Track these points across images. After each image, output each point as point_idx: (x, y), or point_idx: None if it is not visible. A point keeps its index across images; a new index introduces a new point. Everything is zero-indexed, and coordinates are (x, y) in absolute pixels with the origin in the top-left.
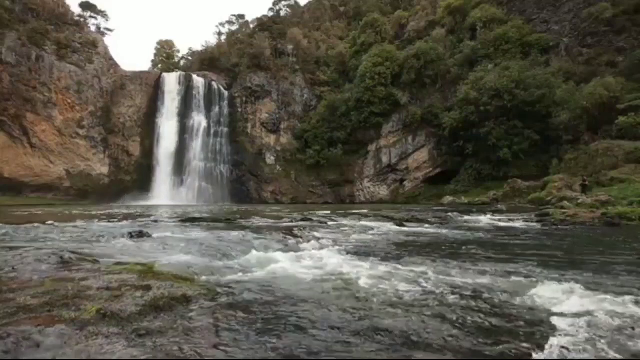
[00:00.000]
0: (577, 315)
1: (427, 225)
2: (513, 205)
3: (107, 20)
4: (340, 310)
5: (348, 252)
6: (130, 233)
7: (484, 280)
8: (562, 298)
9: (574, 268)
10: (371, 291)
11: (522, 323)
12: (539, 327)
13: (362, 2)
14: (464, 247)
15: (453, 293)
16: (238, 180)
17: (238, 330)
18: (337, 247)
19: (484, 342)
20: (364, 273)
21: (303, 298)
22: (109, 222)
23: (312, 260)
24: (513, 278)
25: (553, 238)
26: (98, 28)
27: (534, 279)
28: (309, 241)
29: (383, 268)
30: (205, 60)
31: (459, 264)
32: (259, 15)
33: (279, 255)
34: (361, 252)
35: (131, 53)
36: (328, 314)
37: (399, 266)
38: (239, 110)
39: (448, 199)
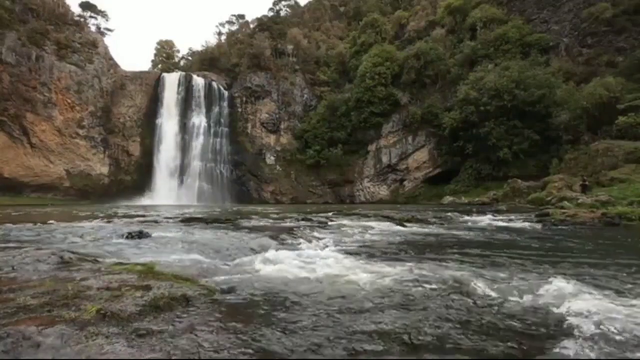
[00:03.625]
0: (582, 315)
1: (427, 225)
2: (513, 205)
3: (107, 20)
4: (340, 310)
5: (348, 252)
6: (130, 233)
7: (486, 279)
8: (566, 298)
9: (576, 267)
10: (371, 291)
11: (526, 323)
12: (543, 327)
13: (362, 2)
14: (464, 247)
15: (455, 292)
16: (238, 180)
17: (238, 330)
18: (337, 247)
19: (487, 342)
20: (364, 273)
21: (303, 298)
22: (109, 222)
23: (312, 260)
24: (515, 277)
25: (553, 238)
26: (98, 28)
27: (537, 279)
28: (309, 241)
29: (383, 268)
30: (205, 60)
31: (459, 263)
32: (259, 15)
33: (279, 255)
34: (361, 252)
35: (131, 53)
36: (328, 314)
37: (400, 266)
38: (239, 110)
39: (448, 199)
